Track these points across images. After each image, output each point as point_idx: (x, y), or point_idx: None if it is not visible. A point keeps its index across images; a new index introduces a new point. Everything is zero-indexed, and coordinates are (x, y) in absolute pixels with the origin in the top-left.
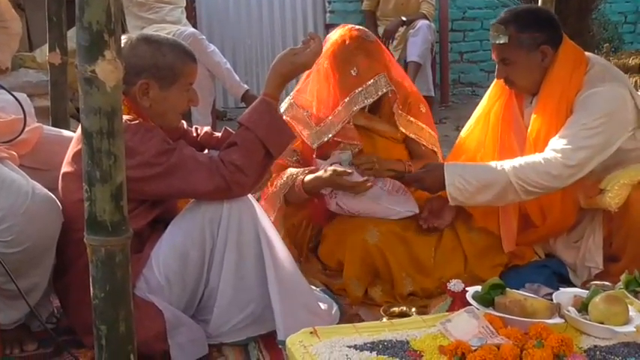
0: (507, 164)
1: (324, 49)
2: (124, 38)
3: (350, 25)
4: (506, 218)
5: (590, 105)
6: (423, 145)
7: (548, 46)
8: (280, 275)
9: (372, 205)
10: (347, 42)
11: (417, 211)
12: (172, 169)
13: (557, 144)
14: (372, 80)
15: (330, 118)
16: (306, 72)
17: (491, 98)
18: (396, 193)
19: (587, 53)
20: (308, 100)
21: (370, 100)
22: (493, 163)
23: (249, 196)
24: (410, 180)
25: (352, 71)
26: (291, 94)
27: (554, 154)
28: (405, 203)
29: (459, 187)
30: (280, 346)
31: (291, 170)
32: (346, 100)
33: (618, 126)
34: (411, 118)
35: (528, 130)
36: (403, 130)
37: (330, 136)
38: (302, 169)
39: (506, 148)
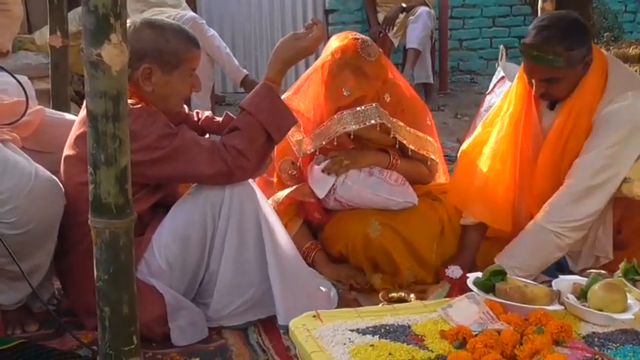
0: (540, 219)
1: (324, 54)
2: (127, 22)
3: (353, 35)
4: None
5: (612, 123)
6: (420, 154)
7: (590, 55)
8: (281, 260)
9: (370, 197)
10: (343, 56)
11: (416, 202)
12: (174, 152)
13: (580, 170)
14: (363, 107)
15: (317, 130)
16: (303, 75)
17: (517, 103)
18: (395, 183)
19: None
20: (301, 104)
21: (356, 127)
22: (529, 228)
23: (251, 181)
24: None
25: (344, 90)
26: (283, 95)
27: (577, 181)
28: (404, 194)
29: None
30: (281, 331)
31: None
32: (335, 118)
33: (634, 148)
34: (419, 133)
35: (547, 134)
36: (412, 148)
37: (312, 150)
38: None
39: (524, 153)
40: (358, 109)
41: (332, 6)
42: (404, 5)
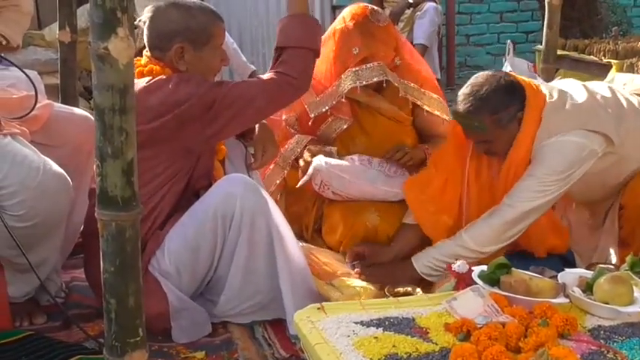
0: (466, 234)
1: (337, 20)
2: (151, 7)
3: (364, 4)
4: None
5: (546, 158)
6: (427, 112)
7: (521, 112)
8: (292, 272)
9: (369, 189)
10: (353, 20)
11: None
12: (229, 93)
13: (510, 196)
14: (369, 64)
15: (328, 90)
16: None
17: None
18: (394, 174)
19: (544, 88)
20: (316, 68)
21: (362, 83)
22: (453, 239)
23: (263, 191)
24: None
25: (354, 49)
26: None
27: (506, 206)
28: (402, 185)
29: (432, 268)
30: (293, 341)
31: (298, 137)
32: (342, 76)
33: (571, 177)
34: (432, 94)
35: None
36: (427, 109)
37: (327, 108)
38: (308, 137)
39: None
40: (363, 66)
41: (339, 2)
42: (410, 1)
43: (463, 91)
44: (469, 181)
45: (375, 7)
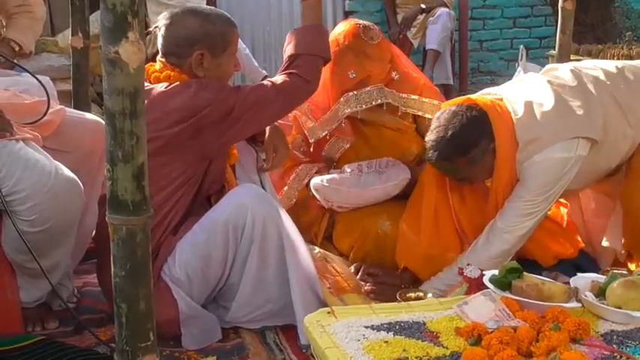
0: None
1: (331, 41)
2: (167, 14)
3: (354, 21)
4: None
5: (532, 179)
6: (429, 120)
7: (492, 142)
8: (303, 281)
9: (368, 193)
10: (345, 40)
11: (409, 176)
12: (247, 97)
13: (503, 220)
14: (368, 88)
15: (326, 115)
16: None
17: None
18: (385, 169)
19: (507, 103)
20: None
21: (362, 107)
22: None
23: (274, 201)
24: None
25: (350, 74)
26: None
27: (501, 233)
28: (396, 174)
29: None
30: (304, 351)
31: (304, 167)
32: (341, 100)
33: (561, 188)
34: (434, 101)
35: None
36: (430, 117)
37: (325, 133)
38: (315, 167)
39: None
40: (363, 90)
41: (352, 8)
42: (423, 6)
43: (429, 138)
44: (455, 210)
45: (367, 24)
